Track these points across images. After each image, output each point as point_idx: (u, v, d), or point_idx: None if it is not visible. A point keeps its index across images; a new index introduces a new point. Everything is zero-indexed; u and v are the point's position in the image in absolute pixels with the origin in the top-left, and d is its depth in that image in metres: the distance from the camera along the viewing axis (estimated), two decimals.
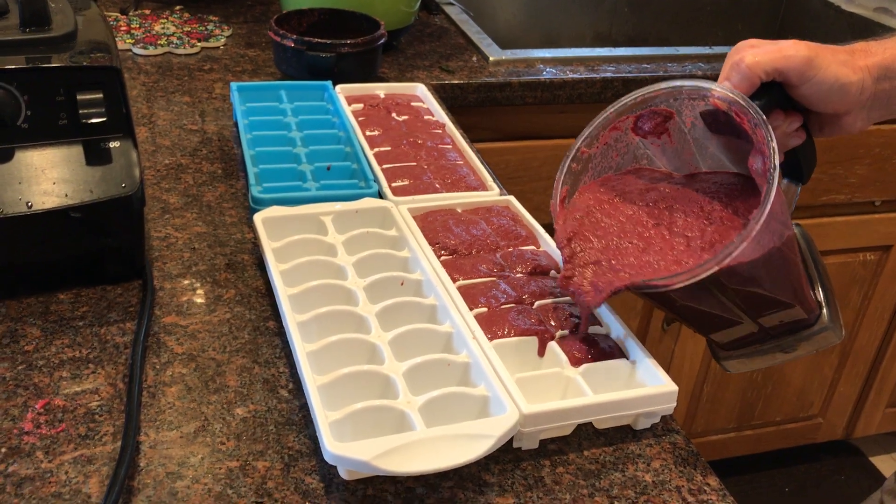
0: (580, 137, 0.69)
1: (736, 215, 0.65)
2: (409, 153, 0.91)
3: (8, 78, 0.65)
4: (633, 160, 0.72)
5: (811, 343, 0.69)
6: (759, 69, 0.63)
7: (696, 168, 0.71)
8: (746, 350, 0.69)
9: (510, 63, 1.30)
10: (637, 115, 0.69)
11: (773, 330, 0.67)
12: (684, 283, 0.58)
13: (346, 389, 0.59)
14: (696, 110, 0.66)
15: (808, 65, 0.62)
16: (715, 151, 0.69)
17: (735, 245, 0.56)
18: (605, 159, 0.70)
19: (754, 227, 0.56)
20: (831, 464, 1.96)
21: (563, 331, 0.66)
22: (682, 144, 0.70)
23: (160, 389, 0.62)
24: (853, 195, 1.54)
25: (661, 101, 0.67)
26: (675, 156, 0.71)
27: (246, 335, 0.68)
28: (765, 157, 0.59)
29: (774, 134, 0.65)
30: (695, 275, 0.58)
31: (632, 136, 0.70)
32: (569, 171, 0.69)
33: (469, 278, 0.71)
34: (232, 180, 0.91)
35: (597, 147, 0.69)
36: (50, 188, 0.67)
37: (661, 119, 0.68)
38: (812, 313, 0.68)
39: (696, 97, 0.65)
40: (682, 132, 0.69)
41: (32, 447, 0.57)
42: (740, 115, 0.61)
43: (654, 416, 0.63)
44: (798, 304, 0.66)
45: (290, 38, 1.08)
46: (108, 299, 0.71)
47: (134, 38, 1.25)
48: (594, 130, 0.69)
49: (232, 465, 0.57)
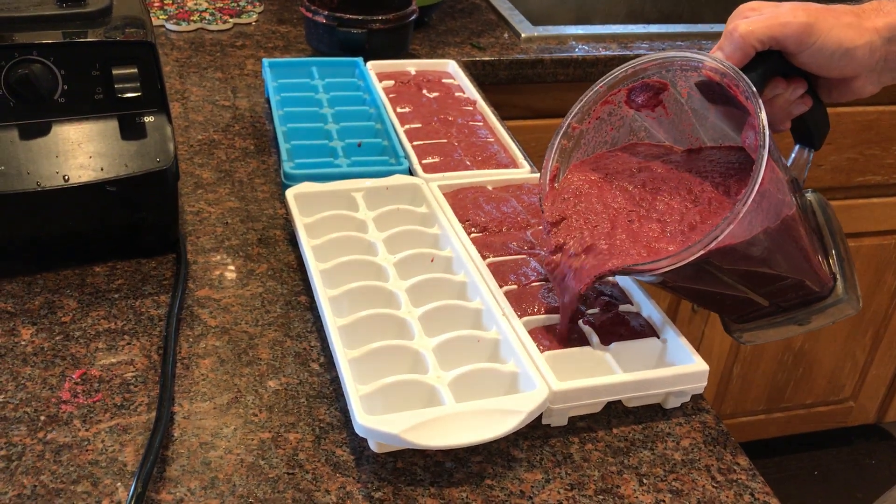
0: (570, 113, 0.67)
1: (727, 195, 0.63)
2: (439, 130, 0.91)
3: (45, 52, 0.66)
4: (629, 133, 0.69)
5: (826, 315, 0.66)
6: (753, 38, 0.59)
7: (696, 138, 0.68)
8: (759, 322, 0.67)
9: (542, 40, 1.29)
10: (629, 88, 0.66)
11: (784, 303, 0.65)
12: (668, 267, 0.56)
13: (377, 364, 0.59)
14: (691, 81, 0.64)
15: (807, 31, 0.59)
16: (715, 120, 0.66)
17: (721, 228, 0.54)
18: (599, 134, 0.68)
19: (741, 209, 0.54)
20: (862, 448, 1.94)
21: (593, 309, 0.66)
22: (679, 115, 0.67)
23: (194, 361, 0.63)
24: (890, 176, 1.51)
25: (652, 72, 0.64)
26: (673, 127, 0.68)
27: (278, 309, 0.69)
28: (756, 133, 0.56)
29: (777, 102, 0.62)
30: (680, 259, 0.56)
31: (626, 109, 0.67)
32: (559, 148, 0.67)
33: (499, 255, 0.71)
34: (264, 156, 0.91)
35: (588, 122, 0.67)
36: (86, 162, 0.68)
37: (654, 91, 0.66)
38: (825, 286, 0.66)
39: (688, 68, 0.63)
40: (679, 103, 0.66)
41: (70, 416, 0.58)
42: (732, 86, 0.58)
43: (684, 396, 0.62)
44: (806, 278, 0.64)
45: (322, 13, 1.08)
46: (142, 272, 0.72)
47: (167, 14, 1.26)
48: (584, 105, 0.67)
49: (264, 436, 0.58)
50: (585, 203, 0.65)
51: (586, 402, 0.59)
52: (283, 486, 0.54)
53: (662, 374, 0.60)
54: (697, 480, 0.57)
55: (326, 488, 0.54)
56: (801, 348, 1.67)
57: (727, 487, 0.57)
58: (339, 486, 0.54)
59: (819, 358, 1.70)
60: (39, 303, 0.68)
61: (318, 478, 0.55)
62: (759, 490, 0.57)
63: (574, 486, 0.56)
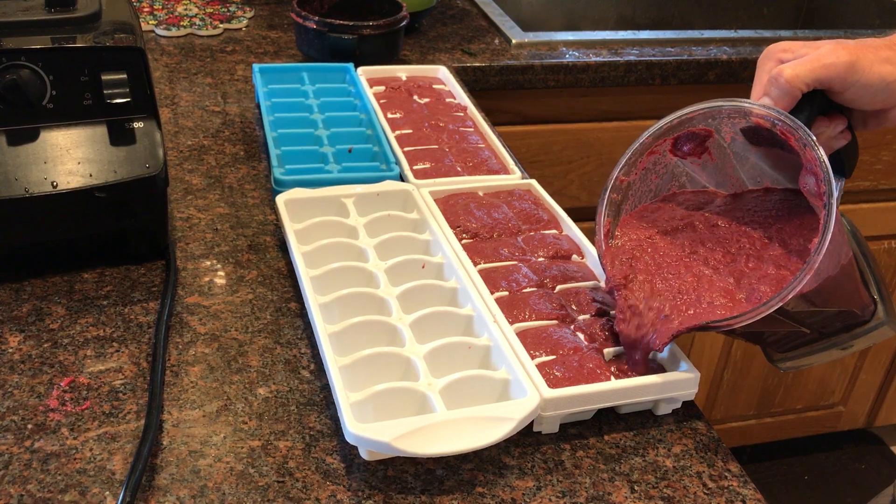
0: (617, 167, 0.67)
1: (782, 243, 0.63)
2: (430, 136, 0.91)
3: (33, 58, 0.65)
4: (671, 179, 0.69)
5: (868, 339, 0.67)
6: (800, 82, 0.59)
7: (737, 179, 0.68)
8: (801, 350, 0.67)
9: (532, 46, 1.29)
10: (675, 138, 0.66)
11: (828, 331, 0.66)
12: (747, 321, 0.57)
13: (367, 371, 0.59)
14: (737, 127, 0.64)
15: (851, 70, 0.59)
16: (755, 160, 0.67)
17: (799, 280, 0.54)
18: (645, 184, 0.68)
19: (816, 258, 0.54)
20: (852, 452, 1.95)
21: (584, 315, 0.66)
22: (722, 160, 0.67)
23: (183, 369, 0.63)
24: (878, 182, 1.52)
25: (698, 121, 0.65)
26: (716, 171, 0.68)
27: (268, 316, 0.69)
28: (818, 180, 0.57)
29: (819, 140, 0.62)
30: (759, 313, 0.56)
31: (670, 157, 0.67)
32: (609, 202, 0.67)
33: (490, 262, 0.71)
34: (254, 162, 0.91)
35: (635, 174, 0.67)
36: (74, 168, 0.67)
37: (701, 139, 0.66)
38: (867, 309, 0.66)
39: (735, 116, 0.63)
40: (722, 147, 0.66)
41: (58, 424, 0.58)
42: (786, 133, 0.59)
43: (675, 402, 0.62)
44: (854, 307, 0.65)
45: (313, 19, 1.08)
46: (131, 279, 0.72)
47: (157, 20, 1.25)
48: (631, 157, 0.66)
49: (254, 444, 0.57)
50: (645, 261, 0.65)
51: (577, 408, 0.59)
52: (273, 495, 0.54)
53: (653, 381, 0.60)
54: (689, 487, 0.57)
55: (317, 496, 0.54)
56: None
57: (718, 494, 0.57)
58: (330, 495, 0.54)
59: None
60: (27, 310, 0.68)
61: (308, 486, 0.54)
62: (751, 497, 0.57)
63: (565, 494, 0.55)
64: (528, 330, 0.64)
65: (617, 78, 1.28)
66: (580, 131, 1.32)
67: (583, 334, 0.64)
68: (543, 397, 0.57)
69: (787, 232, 0.64)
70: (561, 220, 0.78)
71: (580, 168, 1.34)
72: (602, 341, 0.63)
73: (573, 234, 0.76)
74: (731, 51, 1.35)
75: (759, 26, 1.83)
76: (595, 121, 1.32)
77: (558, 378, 0.59)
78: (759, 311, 0.56)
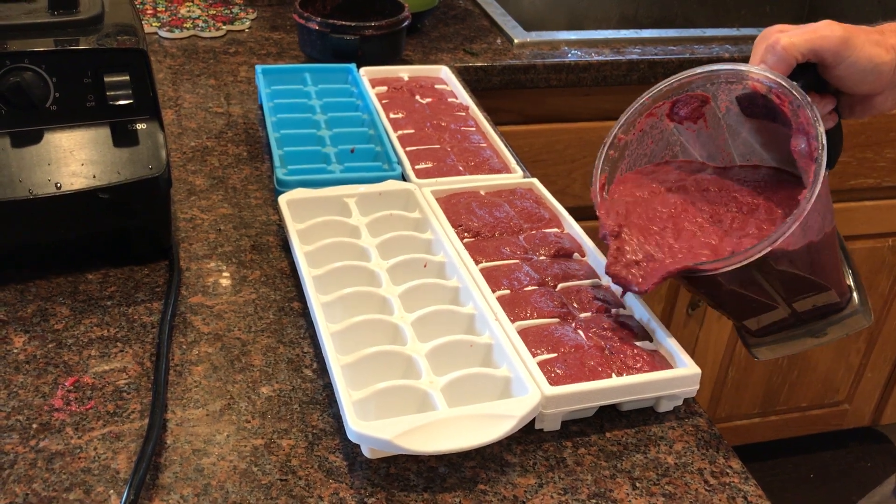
0: (618, 124, 0.69)
1: (771, 204, 0.66)
2: (432, 136, 0.91)
3: (36, 60, 0.66)
4: (665, 147, 0.71)
5: (842, 327, 0.68)
6: (795, 50, 0.62)
7: (727, 154, 0.70)
8: (777, 336, 0.69)
9: (535, 45, 1.29)
10: (673, 101, 0.68)
11: (806, 315, 0.67)
12: (737, 265, 0.58)
13: (370, 369, 0.59)
14: (733, 94, 0.66)
15: (844, 45, 0.62)
16: (747, 136, 0.69)
17: (788, 225, 0.56)
18: (641, 146, 0.70)
19: (806, 206, 0.56)
20: (857, 450, 1.95)
21: (586, 313, 0.66)
22: (716, 130, 0.70)
23: (187, 368, 0.63)
24: (882, 179, 1.52)
25: (697, 85, 0.67)
26: (709, 141, 0.71)
27: (271, 315, 0.69)
28: (810, 138, 0.59)
29: None
30: (749, 256, 0.58)
31: (666, 123, 0.70)
32: (606, 158, 0.69)
33: (492, 260, 0.71)
34: (257, 162, 0.91)
35: (633, 133, 0.69)
36: (78, 169, 0.68)
37: (698, 104, 0.68)
38: (843, 296, 0.69)
39: (733, 80, 0.65)
40: (717, 117, 0.68)
41: (62, 423, 0.58)
42: (781, 97, 0.61)
43: (676, 399, 0.62)
44: (834, 287, 0.66)
45: (315, 20, 1.08)
46: (135, 279, 0.72)
47: (160, 21, 1.26)
48: (631, 116, 0.69)
49: (257, 442, 0.57)
50: (638, 214, 0.67)
51: (579, 406, 0.59)
52: (277, 493, 0.54)
53: (655, 378, 0.60)
54: (690, 484, 0.57)
55: (319, 494, 0.54)
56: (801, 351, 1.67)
57: (720, 491, 0.57)
58: (333, 493, 0.54)
59: (814, 361, 1.70)
60: (32, 310, 0.68)
61: (311, 484, 0.55)
62: (752, 493, 0.57)
63: (567, 491, 0.56)
64: (529, 328, 0.64)
65: (619, 77, 1.28)
66: (583, 130, 1.32)
67: (584, 332, 0.64)
68: (545, 395, 0.57)
69: (773, 201, 0.66)
70: (562, 218, 0.78)
71: (583, 167, 1.35)
72: (604, 339, 0.63)
73: (575, 232, 0.76)
74: (733, 49, 1.35)
75: (762, 24, 1.82)
76: (598, 120, 1.32)
77: (560, 375, 0.60)
78: (749, 255, 0.58)
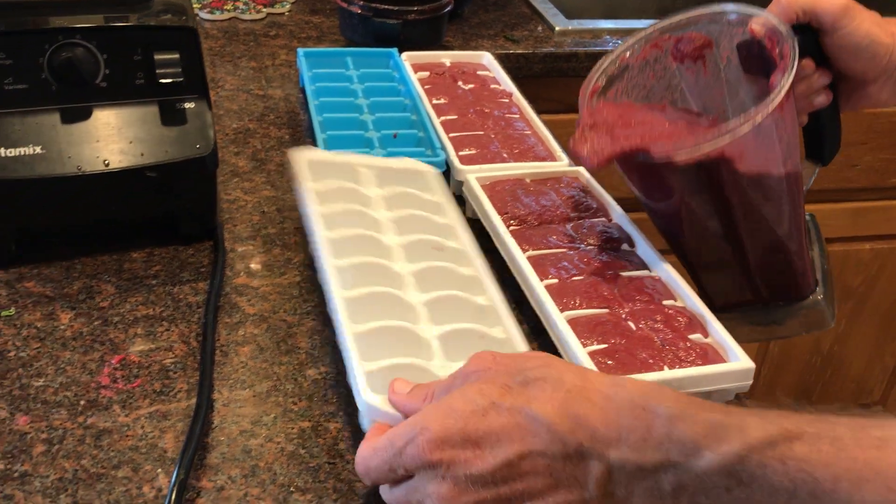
0: (622, 45, 0.72)
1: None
2: (475, 122, 0.90)
3: (88, 36, 0.66)
4: (665, 88, 0.73)
5: (803, 319, 0.72)
6: (797, 5, 0.65)
7: (724, 110, 0.72)
8: (737, 312, 0.71)
9: (576, 33, 1.28)
10: (678, 37, 0.71)
11: (768, 290, 0.70)
12: (689, 155, 0.60)
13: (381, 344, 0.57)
14: (734, 41, 0.68)
15: (844, 12, 0.64)
16: (744, 97, 0.70)
17: (743, 120, 0.58)
18: (641, 76, 0.72)
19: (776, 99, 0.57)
20: None
21: (636, 304, 0.65)
22: (714, 80, 0.71)
23: (232, 349, 0.63)
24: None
25: (703, 25, 0.70)
26: (707, 90, 0.72)
27: (316, 298, 0.69)
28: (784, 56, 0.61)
29: (804, 84, 0.67)
30: (699, 143, 0.59)
31: (669, 61, 0.72)
32: (605, 70, 0.71)
33: (538, 249, 0.70)
34: (298, 146, 0.91)
35: (636, 58, 0.71)
36: (126, 147, 0.67)
37: (700, 44, 0.70)
38: (808, 287, 0.72)
39: (736, 24, 0.67)
40: (717, 67, 0.71)
41: (110, 401, 0.58)
42: (773, 40, 0.63)
43: (728, 394, 0.61)
44: (796, 258, 0.68)
45: (357, 4, 1.08)
46: (180, 259, 0.72)
47: (201, 3, 1.26)
48: (636, 42, 0.71)
49: (304, 425, 0.57)
50: (618, 117, 0.69)
51: None
52: (325, 476, 0.53)
53: (708, 372, 0.59)
54: None
55: None
56: (830, 350, 1.65)
57: None
58: None
59: (848, 360, 1.68)
60: (78, 287, 0.68)
61: None
62: None
63: None
64: (578, 318, 0.63)
65: None
66: None
67: (634, 323, 0.63)
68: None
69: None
70: (610, 208, 0.77)
71: None
72: (655, 331, 0.62)
73: (624, 222, 0.75)
74: None
75: None
76: None
77: (610, 367, 0.59)
78: (702, 141, 0.59)
